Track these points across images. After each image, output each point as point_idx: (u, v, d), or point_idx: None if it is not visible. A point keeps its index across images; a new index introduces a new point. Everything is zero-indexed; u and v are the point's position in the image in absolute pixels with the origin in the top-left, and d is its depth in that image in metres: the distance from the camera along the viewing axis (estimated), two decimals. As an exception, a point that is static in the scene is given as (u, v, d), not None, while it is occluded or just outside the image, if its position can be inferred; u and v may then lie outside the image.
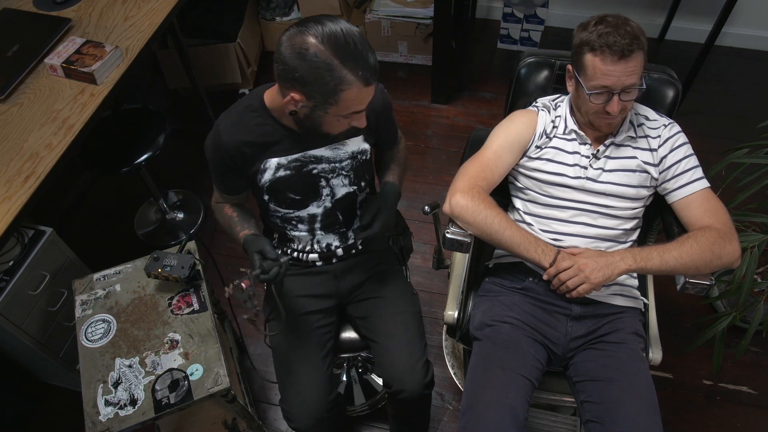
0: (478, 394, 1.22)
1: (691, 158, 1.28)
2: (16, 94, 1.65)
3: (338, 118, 1.07)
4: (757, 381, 1.89)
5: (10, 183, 1.44)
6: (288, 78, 1.01)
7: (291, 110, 1.07)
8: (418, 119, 2.69)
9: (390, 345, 1.34)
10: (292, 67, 0.99)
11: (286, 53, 0.99)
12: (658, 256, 1.19)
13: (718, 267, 1.22)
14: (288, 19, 2.88)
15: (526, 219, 1.37)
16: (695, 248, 1.19)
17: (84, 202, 2.44)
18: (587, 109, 1.23)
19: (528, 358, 1.27)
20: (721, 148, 1.82)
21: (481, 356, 1.30)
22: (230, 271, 2.19)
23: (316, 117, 1.07)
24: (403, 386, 1.31)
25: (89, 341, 1.35)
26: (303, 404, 1.29)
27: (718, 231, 1.21)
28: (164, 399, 1.25)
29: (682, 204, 1.28)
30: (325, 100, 1.02)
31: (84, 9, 1.89)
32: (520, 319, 1.31)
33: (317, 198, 1.28)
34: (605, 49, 1.14)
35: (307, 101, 1.03)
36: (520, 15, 2.84)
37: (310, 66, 0.97)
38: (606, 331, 1.30)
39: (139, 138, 1.91)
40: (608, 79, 1.15)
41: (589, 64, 1.17)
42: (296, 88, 1.02)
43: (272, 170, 1.21)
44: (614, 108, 1.17)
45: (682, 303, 2.06)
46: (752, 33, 2.86)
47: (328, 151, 1.23)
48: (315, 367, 1.32)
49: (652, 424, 1.16)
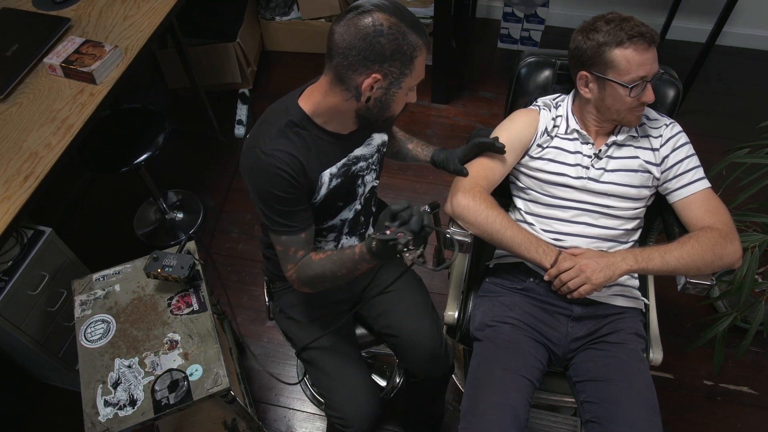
0: (479, 395, 1.22)
1: (693, 158, 1.28)
2: (16, 93, 1.65)
3: (406, 93, 1.05)
4: (758, 381, 1.89)
5: (9, 183, 1.44)
6: (367, 59, 0.97)
7: (366, 96, 1.02)
8: (418, 119, 2.69)
9: (411, 337, 1.35)
10: (371, 46, 0.96)
11: (357, 36, 0.96)
12: (660, 257, 1.19)
13: (720, 267, 1.21)
14: (287, 19, 2.88)
15: (528, 219, 1.37)
16: (697, 249, 1.19)
17: (83, 202, 2.44)
18: (621, 107, 1.22)
19: (529, 359, 1.26)
20: (721, 147, 1.82)
21: (481, 357, 1.30)
22: (230, 271, 2.19)
23: (389, 96, 1.03)
24: (431, 374, 1.35)
25: (88, 341, 1.34)
26: (359, 407, 1.28)
27: (719, 231, 1.21)
28: (164, 399, 1.25)
29: (683, 204, 1.28)
30: (402, 72, 1.00)
31: (83, 8, 1.89)
32: (521, 319, 1.31)
33: (354, 200, 1.24)
34: (636, 39, 1.15)
35: (383, 80, 1.00)
36: (521, 14, 2.84)
37: (388, 39, 0.96)
38: (606, 331, 1.30)
39: (139, 138, 1.91)
40: (644, 68, 1.17)
41: (621, 58, 1.17)
42: (375, 67, 0.98)
43: (327, 183, 1.14)
44: (651, 96, 1.19)
45: (682, 303, 2.06)
46: (753, 32, 2.86)
47: (365, 148, 1.19)
48: (359, 368, 1.32)
49: (652, 424, 1.16)
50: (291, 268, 1.14)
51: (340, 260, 1.08)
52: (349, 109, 1.06)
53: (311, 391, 1.88)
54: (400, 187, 2.43)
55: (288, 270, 1.14)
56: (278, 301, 1.39)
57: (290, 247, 1.12)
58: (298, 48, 2.99)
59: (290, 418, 1.85)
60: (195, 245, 1.50)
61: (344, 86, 1.01)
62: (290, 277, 1.15)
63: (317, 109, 1.08)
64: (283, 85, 2.89)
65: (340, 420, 1.28)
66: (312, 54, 2.99)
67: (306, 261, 1.12)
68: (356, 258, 1.05)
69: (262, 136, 1.07)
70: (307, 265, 1.12)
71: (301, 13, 2.84)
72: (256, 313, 2.08)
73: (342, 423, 1.28)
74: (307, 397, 1.88)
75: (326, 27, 2.85)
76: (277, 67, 2.97)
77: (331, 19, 2.82)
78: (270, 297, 1.45)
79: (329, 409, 1.31)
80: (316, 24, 2.85)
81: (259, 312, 2.08)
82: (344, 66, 0.99)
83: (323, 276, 1.10)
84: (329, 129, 1.10)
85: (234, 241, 2.29)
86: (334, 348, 1.31)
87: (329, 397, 1.30)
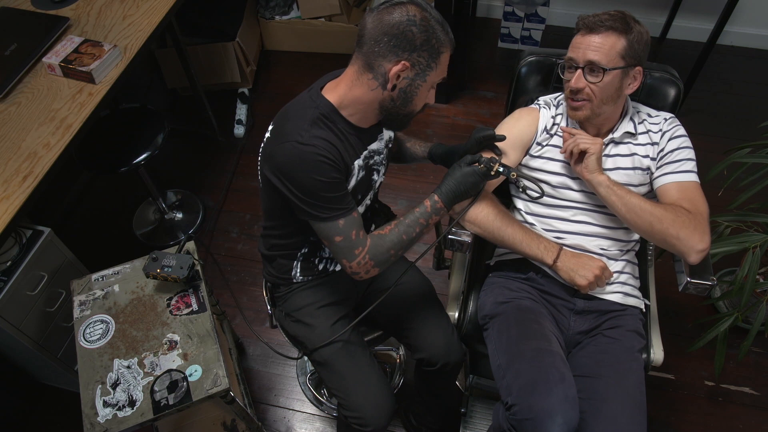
0: (519, 348, 1.19)
1: (686, 151, 1.26)
2: (14, 93, 1.64)
3: (429, 88, 1.09)
4: (759, 382, 1.88)
5: (7, 183, 1.44)
6: (398, 46, 1.01)
7: (393, 84, 1.05)
8: (418, 118, 2.63)
9: (425, 328, 1.36)
10: (403, 33, 1.00)
11: (390, 23, 1.00)
12: (626, 191, 1.20)
13: (672, 245, 1.18)
14: (287, 18, 2.87)
15: (528, 219, 1.37)
16: (659, 209, 1.18)
17: (82, 202, 2.43)
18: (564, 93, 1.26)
19: (552, 328, 1.26)
20: (722, 147, 1.81)
21: (503, 326, 1.27)
22: (229, 271, 2.18)
23: (414, 88, 1.07)
24: (447, 360, 1.37)
25: (87, 342, 1.34)
26: (377, 405, 1.28)
27: (691, 214, 1.18)
28: (163, 400, 1.24)
29: (662, 189, 1.25)
30: (428, 64, 1.04)
31: (82, 8, 1.88)
32: (533, 299, 1.32)
33: (369, 193, 1.26)
34: (579, 24, 1.20)
35: (411, 69, 1.04)
36: (521, 14, 2.83)
37: (420, 30, 1.01)
38: (606, 327, 1.30)
39: (138, 137, 1.90)
40: (574, 51, 1.20)
41: (571, 42, 1.22)
42: (405, 55, 1.02)
43: (356, 173, 1.16)
44: (572, 82, 1.20)
45: (683, 303, 2.05)
46: (754, 32, 2.86)
47: (378, 143, 1.22)
48: (372, 367, 1.32)
49: (635, 423, 1.15)
50: (360, 252, 1.11)
51: (414, 221, 1.14)
52: (373, 100, 1.08)
53: (312, 391, 1.88)
54: (400, 187, 2.42)
55: (357, 256, 1.11)
56: (282, 306, 1.38)
57: (351, 230, 1.10)
58: (298, 47, 2.99)
59: (290, 419, 1.84)
60: (194, 245, 1.50)
61: (372, 74, 1.05)
62: (360, 263, 1.12)
63: (343, 101, 1.10)
64: (282, 84, 2.88)
65: (357, 419, 1.28)
66: (312, 53, 2.98)
67: (376, 238, 1.13)
68: (428, 211, 1.14)
69: (294, 130, 1.06)
70: (380, 239, 1.13)
71: (301, 13, 2.84)
72: (256, 313, 2.07)
73: (360, 422, 1.28)
74: (307, 397, 1.88)
75: (326, 26, 2.84)
76: (276, 67, 2.97)
77: (331, 19, 2.82)
78: (272, 303, 1.43)
79: (345, 409, 1.30)
80: (315, 23, 2.85)
81: (258, 312, 2.07)
82: (375, 53, 1.02)
83: (399, 243, 1.14)
84: (353, 122, 1.12)
85: (233, 241, 2.28)
86: (346, 348, 1.31)
87: (344, 397, 1.29)
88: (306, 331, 1.34)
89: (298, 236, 1.27)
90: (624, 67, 1.18)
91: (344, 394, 1.29)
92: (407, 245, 1.15)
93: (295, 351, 1.80)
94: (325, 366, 1.31)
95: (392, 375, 1.90)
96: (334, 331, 1.31)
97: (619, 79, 1.19)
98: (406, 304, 1.38)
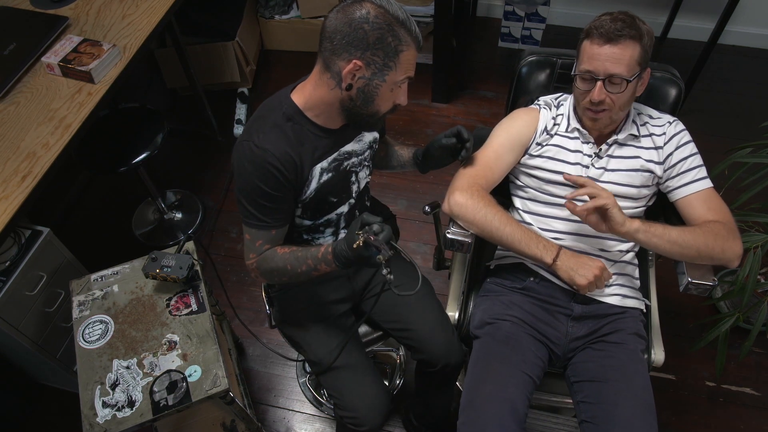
0: (478, 388, 1.22)
1: (696, 157, 1.27)
2: (13, 93, 1.64)
3: (391, 88, 1.07)
4: (761, 383, 1.88)
5: (6, 183, 1.43)
6: (350, 44, 1.00)
7: (348, 84, 1.04)
8: (418, 118, 2.68)
9: (425, 329, 1.36)
10: (355, 32, 0.99)
11: (344, 21, 1.00)
12: (662, 227, 1.19)
13: (718, 260, 1.20)
14: (287, 17, 2.87)
15: (526, 218, 1.36)
16: (699, 233, 1.19)
17: (81, 202, 2.43)
18: (576, 101, 1.24)
19: (528, 355, 1.26)
20: (723, 147, 1.81)
21: (480, 353, 1.29)
22: (229, 271, 2.18)
23: (372, 88, 1.05)
24: (448, 361, 1.36)
25: (86, 342, 1.33)
26: (372, 405, 1.28)
27: (725, 225, 1.21)
28: (162, 401, 1.24)
29: (685, 202, 1.27)
30: (385, 63, 1.03)
31: (81, 7, 1.88)
32: (521, 317, 1.31)
33: (350, 196, 1.26)
34: (593, 32, 1.16)
35: (366, 69, 1.02)
36: (522, 13, 2.83)
37: (372, 27, 0.99)
38: (606, 331, 1.29)
39: (137, 137, 1.90)
40: (593, 63, 1.16)
41: (581, 48, 1.20)
42: (357, 54, 1.01)
43: (317, 177, 1.15)
44: (595, 94, 1.17)
45: (684, 304, 2.05)
46: (755, 31, 2.85)
47: (356, 144, 1.21)
48: (367, 367, 1.32)
49: (648, 426, 1.15)
50: (253, 258, 1.18)
51: (303, 257, 1.12)
52: (334, 100, 1.08)
53: (311, 392, 1.88)
54: (400, 187, 2.42)
55: (249, 259, 1.18)
56: (279, 306, 1.38)
57: (258, 239, 1.15)
58: (298, 47, 2.99)
59: (289, 420, 1.84)
60: (194, 245, 1.50)
61: (330, 73, 1.04)
62: (250, 266, 1.19)
63: (308, 102, 1.10)
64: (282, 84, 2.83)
65: (352, 419, 1.28)
66: (311, 53, 2.97)
67: (269, 253, 1.16)
68: (319, 257, 1.09)
69: (255, 131, 1.09)
70: (270, 257, 1.16)
71: (301, 12, 2.83)
72: (255, 313, 2.07)
73: (355, 422, 1.28)
74: (307, 398, 1.87)
75: (326, 26, 2.84)
76: (276, 66, 2.96)
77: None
78: (270, 303, 1.43)
79: (340, 409, 1.30)
80: (315, 22, 2.84)
81: (258, 312, 2.07)
82: (329, 51, 1.02)
83: (283, 270, 1.14)
84: (319, 123, 1.12)
85: (233, 241, 2.28)
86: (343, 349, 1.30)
87: (339, 397, 1.29)
88: (301, 332, 1.33)
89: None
90: (640, 73, 1.18)
91: (339, 393, 1.29)
92: (291, 276, 1.14)
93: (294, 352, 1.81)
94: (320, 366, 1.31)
95: (392, 376, 1.90)
96: (329, 332, 1.31)
97: (635, 84, 1.19)
98: (406, 305, 1.38)
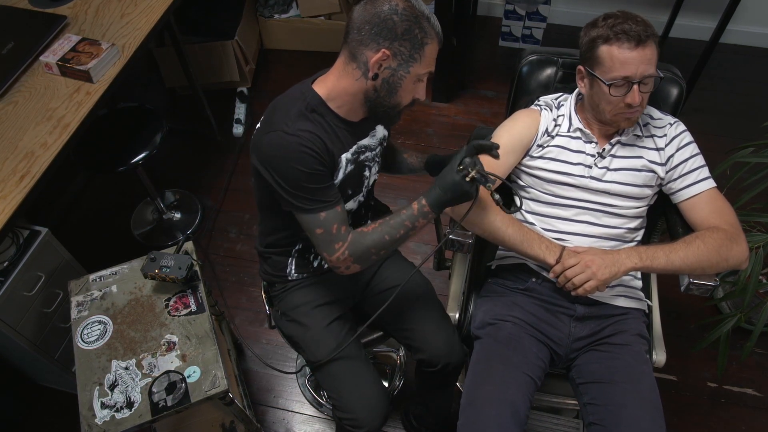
0: (478, 389, 1.22)
1: (698, 158, 1.27)
2: (11, 92, 1.63)
3: (414, 81, 1.09)
4: (762, 383, 1.87)
5: (4, 182, 1.42)
6: (379, 34, 1.02)
7: (374, 73, 1.05)
8: (418, 118, 2.67)
9: (425, 328, 1.36)
10: (384, 22, 1.02)
11: (373, 13, 1.02)
12: (664, 256, 1.18)
13: (725, 269, 1.20)
14: (286, 17, 2.86)
15: (528, 218, 1.36)
16: (702, 249, 1.18)
17: (80, 202, 2.42)
18: (606, 106, 1.21)
19: (530, 356, 1.25)
20: (725, 147, 1.80)
21: (481, 354, 1.29)
22: (228, 272, 2.17)
23: (397, 79, 1.07)
24: (448, 361, 1.36)
25: (85, 343, 1.33)
26: (371, 407, 1.27)
27: (725, 232, 1.20)
28: (161, 401, 1.24)
29: (688, 204, 1.26)
30: (411, 55, 1.05)
31: (80, 6, 1.87)
32: (523, 318, 1.30)
33: (361, 190, 1.26)
34: (621, 36, 1.13)
35: (393, 59, 1.04)
36: (522, 12, 2.82)
37: (401, 19, 1.02)
38: (609, 332, 1.29)
39: (136, 137, 1.89)
40: (627, 68, 1.14)
41: (606, 55, 1.16)
42: (386, 44, 1.03)
43: (343, 167, 1.16)
44: (635, 98, 1.16)
45: (686, 304, 2.04)
46: (757, 30, 2.85)
47: (371, 139, 1.22)
48: (366, 368, 1.31)
49: (656, 427, 1.15)
50: (340, 247, 1.10)
51: (398, 223, 1.09)
52: (358, 91, 1.09)
53: (311, 393, 1.87)
54: (400, 187, 2.41)
55: (336, 251, 1.11)
56: (279, 305, 1.38)
57: (332, 224, 1.10)
58: (297, 46, 2.98)
59: (289, 420, 1.83)
60: (193, 245, 1.49)
61: (356, 63, 1.06)
62: (339, 258, 1.11)
63: (331, 93, 1.11)
64: (281, 83, 2.87)
65: (351, 421, 1.27)
66: (311, 52, 2.97)
67: (357, 235, 1.11)
68: (414, 214, 1.09)
69: (280, 121, 1.08)
70: (361, 237, 1.11)
71: (300, 11, 2.82)
72: (255, 314, 2.06)
73: (353, 423, 1.27)
74: (307, 399, 1.87)
75: (325, 25, 2.83)
76: (275, 66, 2.96)
77: (331, 17, 2.81)
78: (269, 303, 1.42)
79: (339, 411, 1.29)
80: (315, 22, 2.83)
81: (257, 313, 2.06)
82: (357, 41, 1.04)
83: (380, 243, 1.10)
84: (341, 114, 1.13)
85: (232, 241, 2.27)
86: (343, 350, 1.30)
87: (338, 398, 1.29)
88: (301, 331, 1.33)
89: (288, 230, 1.26)
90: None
91: (337, 395, 1.29)
92: (389, 246, 1.12)
93: (291, 356, 1.80)
94: (319, 367, 1.31)
95: (392, 376, 1.89)
96: (329, 332, 1.31)
97: None
98: (406, 305, 1.37)
